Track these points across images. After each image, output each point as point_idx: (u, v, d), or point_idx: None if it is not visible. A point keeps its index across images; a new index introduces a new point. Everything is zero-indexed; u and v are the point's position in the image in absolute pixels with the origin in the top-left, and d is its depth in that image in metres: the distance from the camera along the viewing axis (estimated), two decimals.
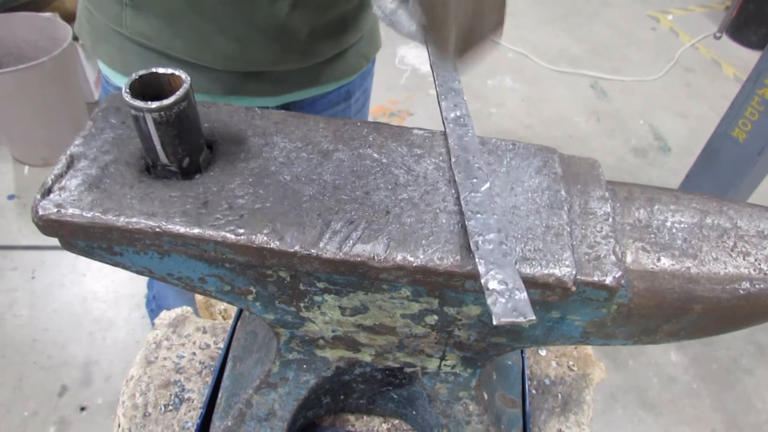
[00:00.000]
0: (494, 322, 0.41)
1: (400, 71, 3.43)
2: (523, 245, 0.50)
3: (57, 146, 2.51)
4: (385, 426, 0.81)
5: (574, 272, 0.48)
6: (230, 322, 0.92)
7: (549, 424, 0.86)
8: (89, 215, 0.48)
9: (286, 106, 0.98)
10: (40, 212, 0.48)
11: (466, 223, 0.48)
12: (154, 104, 0.46)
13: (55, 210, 0.48)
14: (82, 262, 2.15)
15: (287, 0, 0.80)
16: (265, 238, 0.48)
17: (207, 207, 0.50)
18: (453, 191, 0.54)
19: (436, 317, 0.57)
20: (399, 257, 0.48)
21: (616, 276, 0.50)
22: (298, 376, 0.68)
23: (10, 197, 2.45)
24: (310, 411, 0.75)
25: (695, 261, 0.55)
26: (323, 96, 1.01)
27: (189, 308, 0.95)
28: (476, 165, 0.53)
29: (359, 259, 0.48)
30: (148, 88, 0.50)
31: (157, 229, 0.48)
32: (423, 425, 0.76)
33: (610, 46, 3.87)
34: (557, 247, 0.50)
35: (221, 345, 0.90)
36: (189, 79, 0.49)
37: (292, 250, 0.48)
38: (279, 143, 0.56)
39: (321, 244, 0.48)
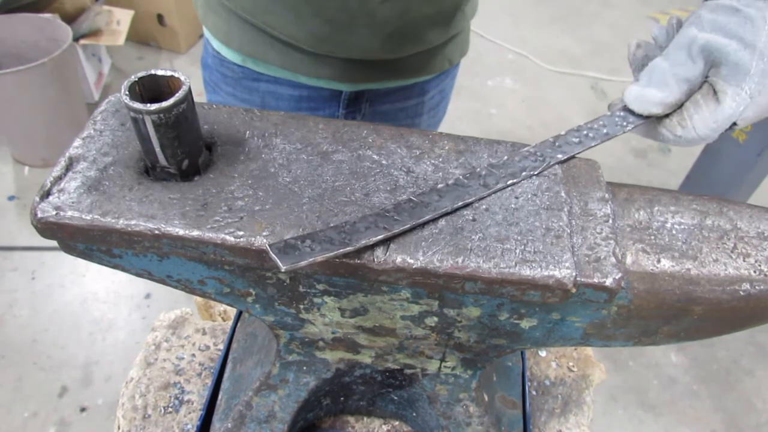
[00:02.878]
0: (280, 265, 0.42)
1: None
2: (523, 247, 0.50)
3: (57, 147, 2.51)
4: (385, 427, 0.81)
5: (574, 274, 0.48)
6: (230, 323, 0.92)
7: (549, 425, 0.86)
8: (88, 218, 0.48)
9: (360, 94, 0.99)
10: (39, 215, 0.48)
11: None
12: (153, 106, 0.46)
13: (53, 212, 0.48)
14: (82, 262, 2.14)
15: None
16: (265, 240, 0.48)
17: (206, 209, 0.50)
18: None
19: (436, 319, 0.57)
20: (398, 259, 0.48)
21: (616, 278, 0.50)
22: (298, 377, 0.68)
23: (10, 198, 2.45)
24: (310, 413, 0.75)
25: (695, 262, 0.55)
26: (398, 89, 1.03)
27: (188, 309, 0.95)
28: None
29: (359, 260, 0.48)
30: (147, 90, 0.50)
31: (156, 232, 0.48)
32: (423, 427, 0.76)
33: (610, 46, 3.87)
34: (557, 249, 0.50)
35: (221, 346, 0.90)
36: (188, 80, 0.49)
37: None
38: (278, 145, 0.56)
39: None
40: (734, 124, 0.56)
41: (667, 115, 0.58)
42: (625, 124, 0.59)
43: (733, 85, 0.54)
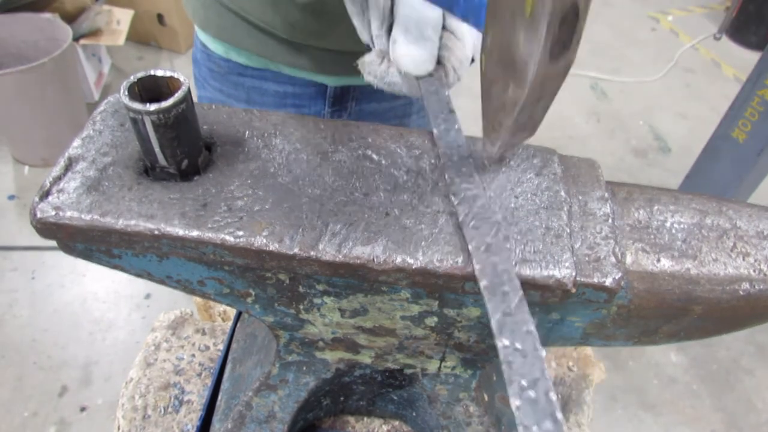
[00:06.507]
0: None
1: None
2: (522, 247, 0.50)
3: (57, 147, 2.50)
4: (385, 427, 0.81)
5: (574, 274, 0.48)
6: (229, 323, 0.92)
7: None
8: (87, 218, 0.48)
9: (346, 91, 0.99)
10: (38, 215, 0.48)
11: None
12: (153, 106, 0.46)
13: (53, 213, 0.48)
14: (82, 262, 2.14)
15: None
16: (264, 241, 0.48)
17: (206, 209, 0.49)
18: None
19: (435, 319, 0.57)
20: (398, 259, 0.48)
21: (616, 277, 0.50)
22: (298, 378, 0.68)
23: (10, 197, 2.45)
24: (309, 413, 0.75)
25: (695, 262, 0.55)
26: None
27: (188, 310, 0.95)
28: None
29: (359, 261, 0.48)
30: (146, 90, 0.50)
31: (156, 232, 0.48)
32: (423, 427, 0.76)
33: (610, 46, 3.87)
34: (557, 249, 0.50)
35: (221, 347, 0.90)
36: (187, 81, 0.49)
37: (292, 253, 0.48)
38: (278, 145, 0.56)
39: (320, 246, 0.48)
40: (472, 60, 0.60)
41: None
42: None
43: (470, 22, 0.56)
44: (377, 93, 1.02)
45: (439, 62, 0.60)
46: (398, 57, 0.58)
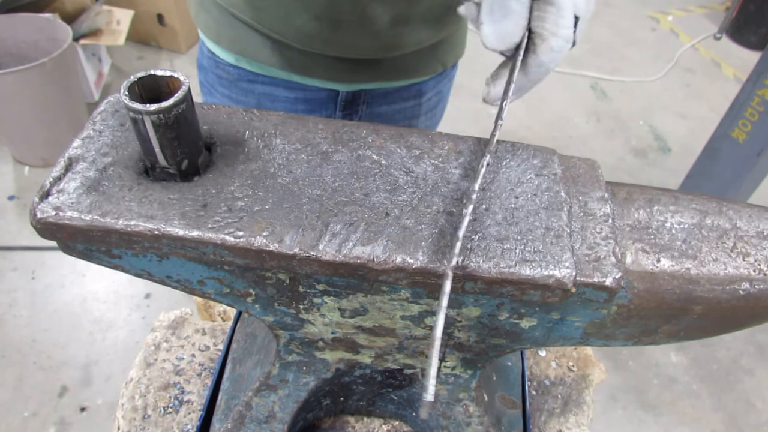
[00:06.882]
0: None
1: None
2: (522, 247, 0.50)
3: (57, 147, 2.51)
4: (385, 427, 0.81)
5: (573, 273, 0.48)
6: (229, 323, 0.92)
7: (549, 425, 0.86)
8: (88, 218, 0.48)
9: (357, 95, 0.99)
10: (39, 215, 0.48)
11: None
12: (153, 106, 0.46)
13: (53, 213, 0.48)
14: (82, 262, 2.14)
15: None
16: (265, 241, 0.48)
17: (206, 209, 0.50)
18: (452, 193, 0.54)
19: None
20: (398, 259, 0.48)
21: (616, 277, 0.50)
22: (298, 378, 0.68)
23: (11, 198, 2.45)
24: (309, 413, 0.75)
25: (695, 262, 0.55)
26: (396, 90, 1.03)
27: (188, 309, 0.95)
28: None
29: (359, 261, 0.48)
30: (147, 90, 0.50)
31: (156, 232, 0.48)
32: (423, 427, 0.76)
33: (610, 46, 3.87)
34: (557, 249, 0.50)
35: (221, 347, 0.90)
36: (188, 81, 0.49)
37: (292, 253, 0.48)
38: (278, 145, 0.56)
39: (320, 246, 0.48)
40: (576, 18, 0.56)
41: (528, 48, 0.57)
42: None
43: None
44: (388, 95, 1.02)
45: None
46: (483, 37, 0.56)
